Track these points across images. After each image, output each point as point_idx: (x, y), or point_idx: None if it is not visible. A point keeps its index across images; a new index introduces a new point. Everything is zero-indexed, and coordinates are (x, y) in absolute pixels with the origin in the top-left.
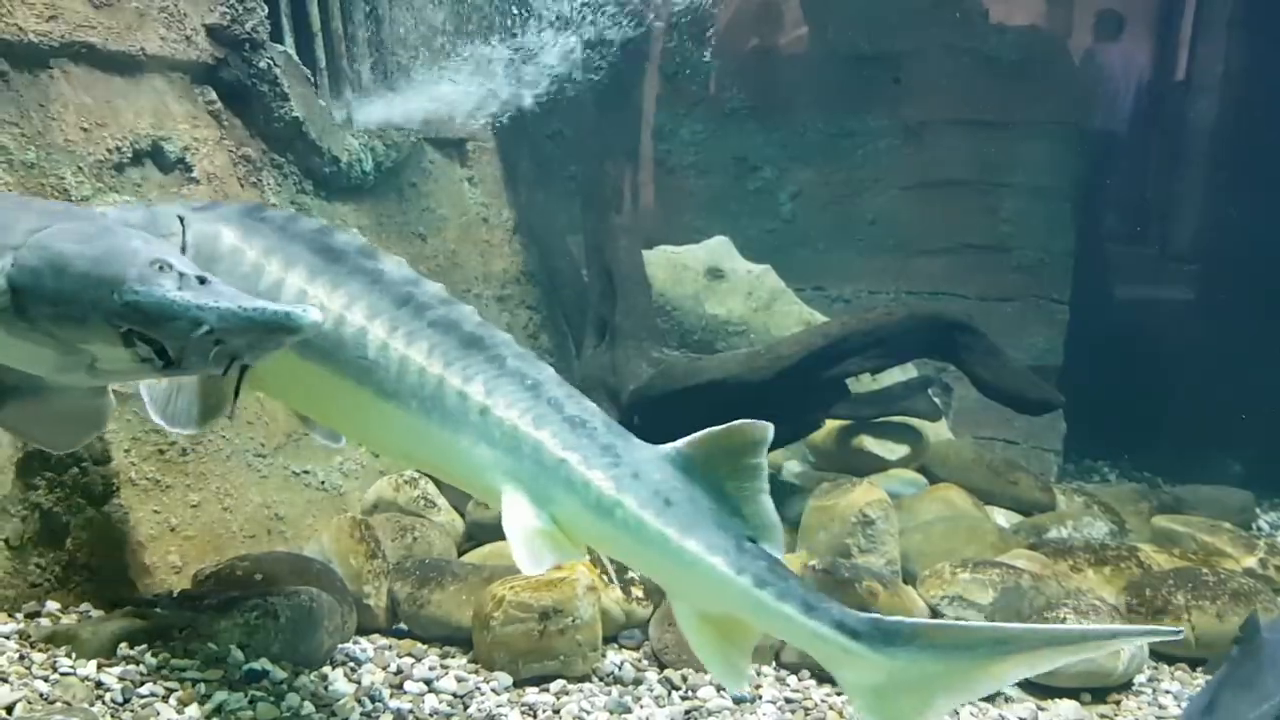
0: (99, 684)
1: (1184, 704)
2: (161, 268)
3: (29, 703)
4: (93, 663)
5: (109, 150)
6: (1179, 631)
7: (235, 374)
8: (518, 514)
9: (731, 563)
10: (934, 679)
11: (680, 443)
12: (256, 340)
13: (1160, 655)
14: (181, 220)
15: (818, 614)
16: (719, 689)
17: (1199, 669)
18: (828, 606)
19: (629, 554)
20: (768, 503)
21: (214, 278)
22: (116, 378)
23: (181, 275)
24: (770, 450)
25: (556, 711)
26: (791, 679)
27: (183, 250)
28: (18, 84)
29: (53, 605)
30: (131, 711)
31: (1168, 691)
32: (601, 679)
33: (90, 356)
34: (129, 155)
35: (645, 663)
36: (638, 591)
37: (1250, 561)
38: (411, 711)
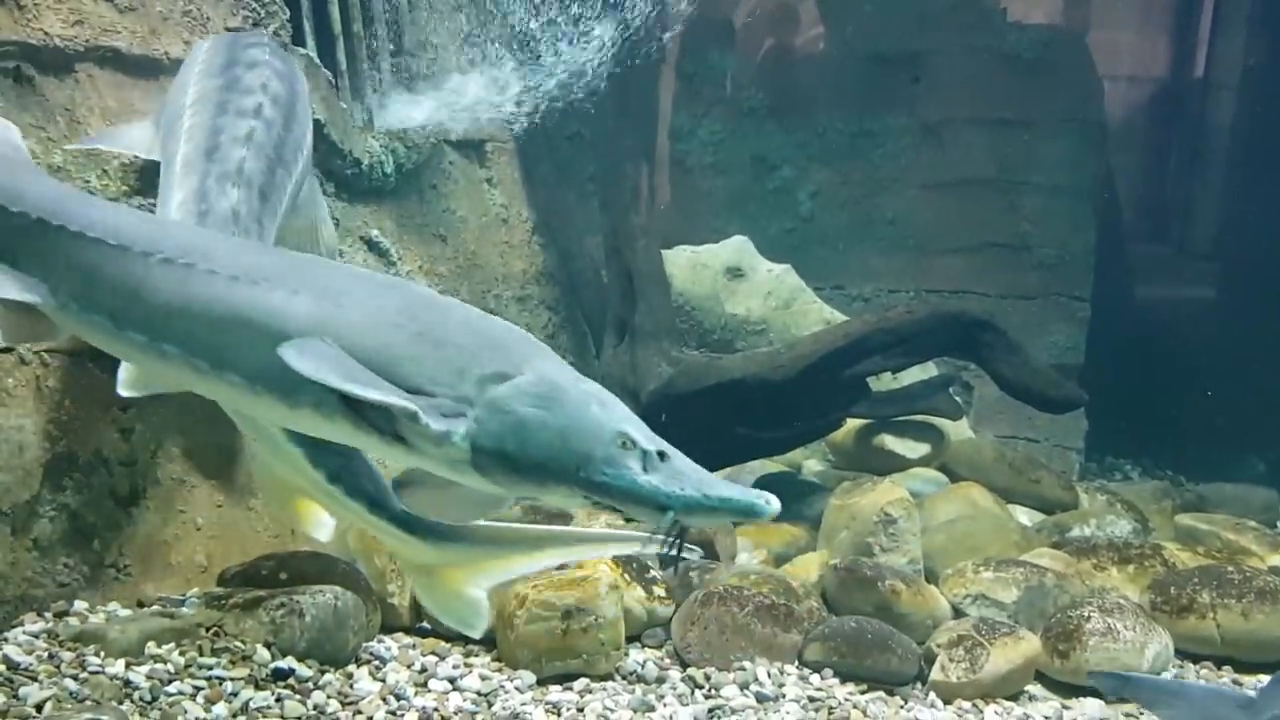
0: (127, 682)
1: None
2: (624, 444)
3: (58, 701)
4: (121, 661)
5: (134, 154)
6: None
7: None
8: None
9: (308, 455)
10: (473, 564)
11: None
12: (712, 520)
13: (1186, 654)
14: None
15: (381, 511)
16: (742, 688)
17: (1224, 667)
18: (391, 504)
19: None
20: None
21: (670, 449)
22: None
23: (645, 453)
24: (791, 449)
25: (580, 710)
26: (815, 678)
27: None
28: (44, 88)
29: (81, 605)
30: (159, 710)
31: None
32: (624, 677)
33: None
34: (148, 161)
35: (668, 661)
36: (660, 590)
37: (1275, 559)
38: (436, 709)
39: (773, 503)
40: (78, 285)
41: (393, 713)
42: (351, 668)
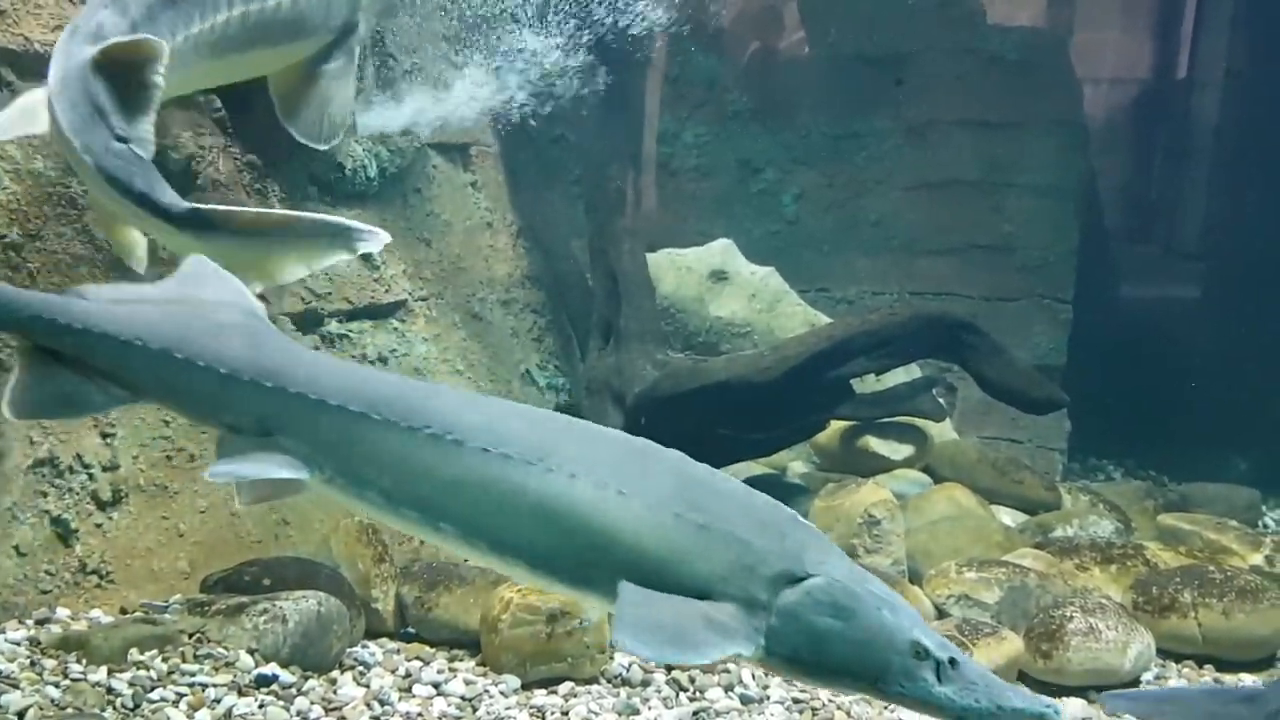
0: (110, 689)
1: None
2: (918, 653)
3: (41, 709)
4: (103, 668)
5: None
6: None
7: None
8: None
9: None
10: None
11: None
12: None
13: (1168, 653)
14: None
15: (148, 204)
16: (727, 690)
17: (1205, 666)
18: (160, 194)
19: None
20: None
21: (958, 653)
22: None
23: (938, 663)
24: (775, 451)
25: (565, 713)
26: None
27: None
28: (24, 93)
29: (63, 611)
30: (142, 716)
31: None
32: (609, 681)
33: None
34: None
35: (653, 664)
36: None
37: (1257, 558)
38: (420, 714)
39: (1061, 712)
40: (343, 461)
41: (377, 718)
42: (335, 673)
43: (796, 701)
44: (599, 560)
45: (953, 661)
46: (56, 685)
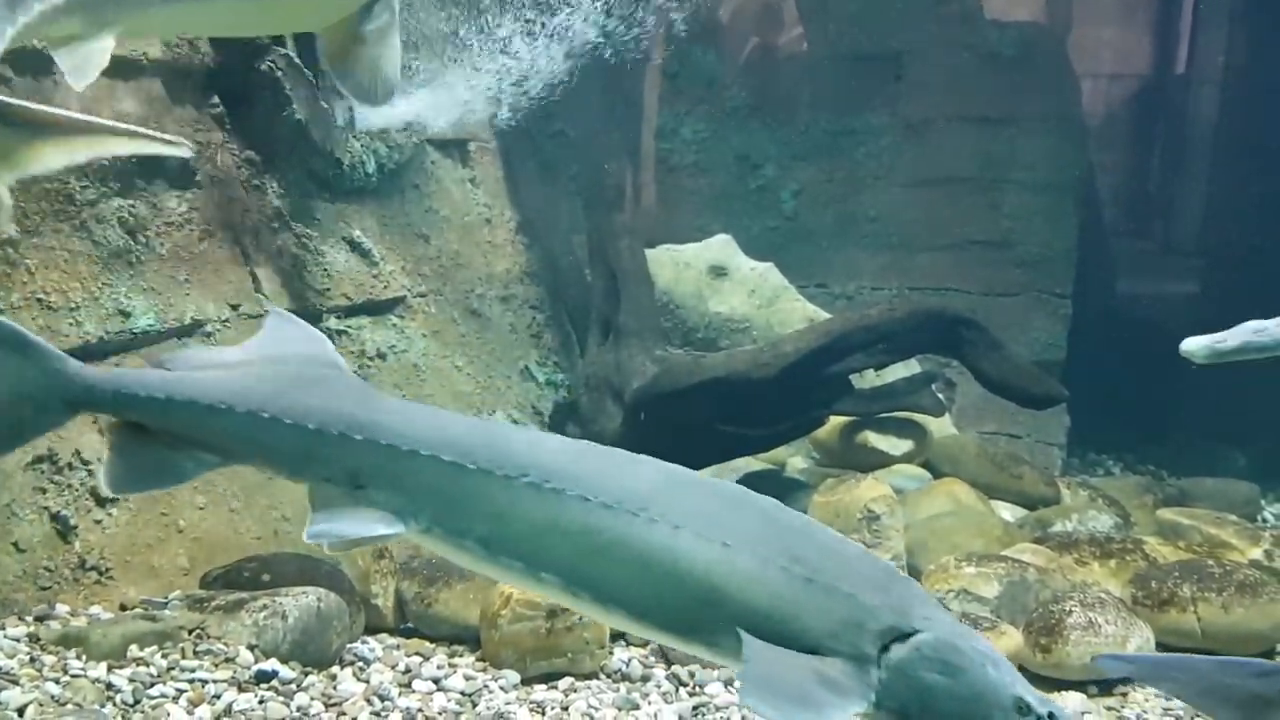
0: (109, 685)
1: None
2: (1021, 708)
3: (40, 705)
4: (103, 664)
5: (113, 156)
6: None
7: None
8: None
9: None
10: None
11: None
12: None
13: (1167, 647)
14: None
15: None
16: (726, 685)
17: None
18: None
19: None
20: None
21: (1057, 708)
22: None
23: (1039, 718)
24: (775, 447)
25: (565, 708)
26: None
27: None
28: (21, 90)
29: (62, 608)
30: (142, 713)
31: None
32: (609, 676)
33: None
34: (133, 161)
35: (652, 659)
36: None
37: (1256, 553)
38: (420, 710)
39: None
40: (441, 511)
41: (377, 714)
42: (335, 669)
43: None
44: (706, 614)
45: (1051, 716)
46: (56, 681)
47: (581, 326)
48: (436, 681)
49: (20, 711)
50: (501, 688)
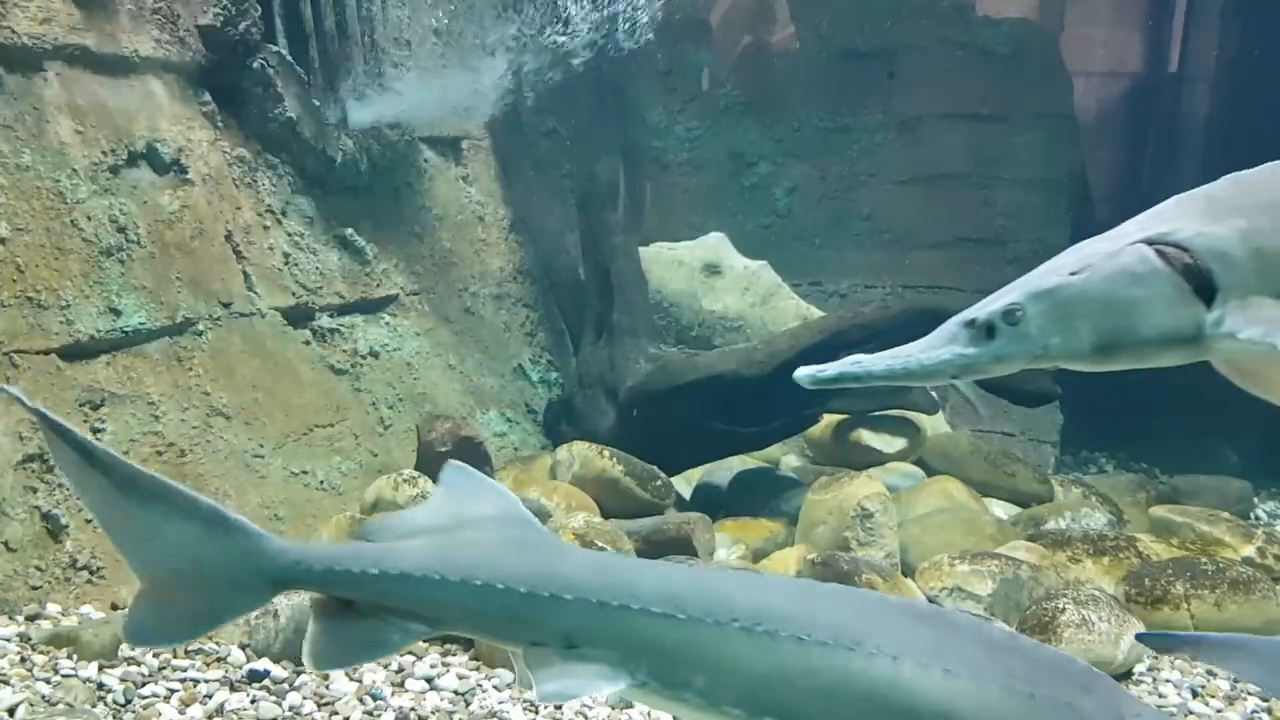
0: (101, 685)
1: (1183, 692)
2: None
3: (31, 705)
4: (94, 664)
5: (103, 153)
6: None
7: None
8: None
9: None
10: None
11: None
12: None
13: None
14: None
15: None
16: None
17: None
18: None
19: None
20: None
21: None
22: None
23: None
24: (768, 445)
25: (559, 707)
26: None
27: None
28: (12, 87)
29: (53, 608)
30: (133, 713)
31: (1168, 680)
32: None
33: None
34: (124, 157)
35: None
36: None
37: (1248, 550)
38: (413, 709)
39: None
40: (655, 664)
41: (369, 713)
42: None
43: None
44: None
45: None
46: (47, 681)
47: (575, 324)
48: (429, 680)
49: (11, 711)
50: (495, 687)
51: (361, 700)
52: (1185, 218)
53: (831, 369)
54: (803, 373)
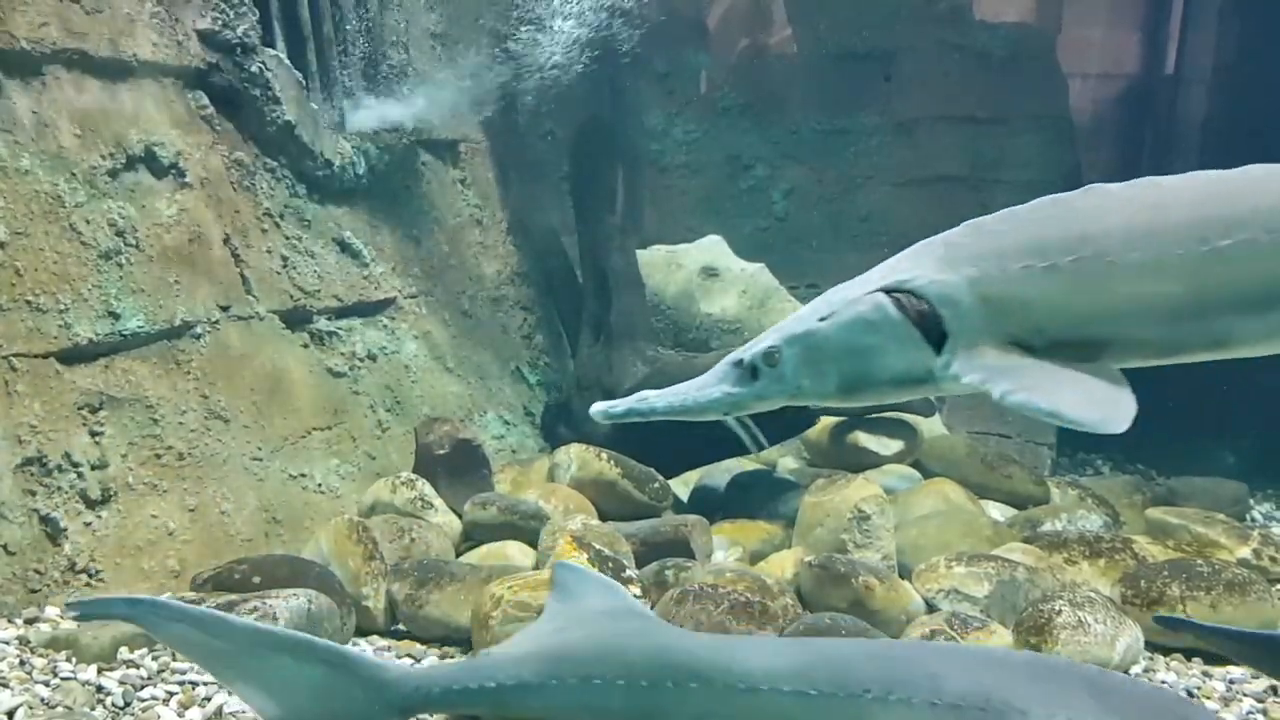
0: (100, 688)
1: (1178, 693)
2: None
3: (30, 708)
4: (93, 667)
5: (102, 156)
6: None
7: None
8: None
9: None
10: None
11: None
12: None
13: (1156, 646)
14: None
15: None
16: None
17: (1194, 659)
18: None
19: None
20: None
21: None
22: None
23: None
24: (766, 448)
25: None
26: None
27: None
28: (10, 91)
29: (52, 610)
30: (132, 715)
31: (1163, 681)
32: None
33: None
34: (122, 161)
35: None
36: (635, 589)
37: (1244, 552)
38: None
39: None
40: None
41: None
42: None
43: None
44: None
45: None
46: (46, 684)
47: (573, 328)
48: None
49: (10, 714)
50: None
51: None
52: (923, 265)
53: (621, 405)
54: (597, 408)
